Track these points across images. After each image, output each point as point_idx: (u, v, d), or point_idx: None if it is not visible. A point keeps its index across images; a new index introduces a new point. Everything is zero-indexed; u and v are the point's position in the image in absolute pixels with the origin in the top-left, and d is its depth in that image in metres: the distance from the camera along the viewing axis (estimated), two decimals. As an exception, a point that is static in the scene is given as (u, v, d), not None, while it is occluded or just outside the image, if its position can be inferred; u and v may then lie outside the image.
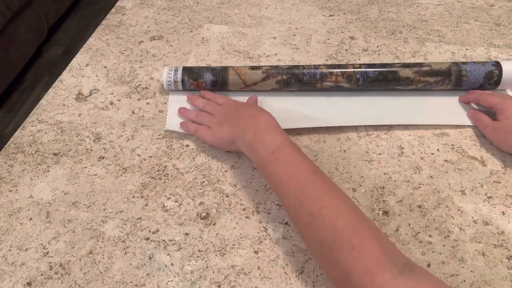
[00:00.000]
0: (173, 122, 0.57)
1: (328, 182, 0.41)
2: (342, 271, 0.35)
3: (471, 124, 0.56)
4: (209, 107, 0.56)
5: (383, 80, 0.57)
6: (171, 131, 0.56)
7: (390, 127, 0.57)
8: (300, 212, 0.40)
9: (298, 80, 0.58)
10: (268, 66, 0.59)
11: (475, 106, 0.58)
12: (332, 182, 0.41)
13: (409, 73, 0.57)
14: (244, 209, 0.48)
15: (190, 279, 0.43)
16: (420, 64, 0.58)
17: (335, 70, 0.58)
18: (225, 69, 0.58)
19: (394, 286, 0.33)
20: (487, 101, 0.54)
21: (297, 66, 0.58)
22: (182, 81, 0.58)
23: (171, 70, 0.59)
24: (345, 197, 0.40)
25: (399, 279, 0.33)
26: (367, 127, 0.57)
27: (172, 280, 0.42)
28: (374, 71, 0.57)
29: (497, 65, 0.57)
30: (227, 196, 0.49)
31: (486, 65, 0.57)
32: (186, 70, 0.59)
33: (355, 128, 0.56)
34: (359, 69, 0.57)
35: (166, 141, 0.55)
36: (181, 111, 0.57)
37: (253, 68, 0.58)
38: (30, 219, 0.47)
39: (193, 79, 0.58)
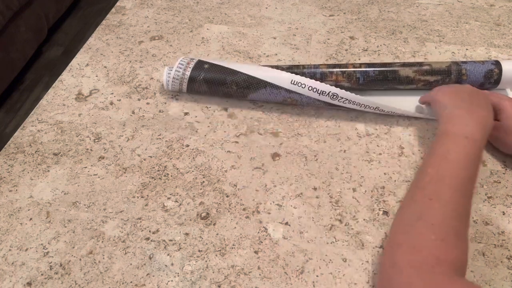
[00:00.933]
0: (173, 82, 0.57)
1: (471, 198, 0.42)
2: (414, 244, 0.37)
3: None
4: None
5: (384, 79, 0.57)
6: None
7: (390, 127, 0.57)
8: (432, 184, 0.41)
9: None
10: (268, 66, 0.59)
11: None
12: (471, 202, 0.42)
13: (409, 72, 0.57)
14: (244, 209, 0.48)
15: (190, 279, 0.43)
16: (420, 63, 0.58)
17: (335, 70, 0.58)
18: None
19: (450, 280, 0.34)
20: None
21: (297, 66, 0.58)
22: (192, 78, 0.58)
23: (171, 70, 0.58)
24: (469, 213, 0.41)
25: (456, 278, 0.35)
26: (367, 127, 0.57)
27: (172, 280, 0.42)
28: (375, 70, 0.57)
29: (497, 64, 0.57)
30: (227, 196, 0.49)
31: (486, 64, 0.57)
32: (205, 70, 0.58)
33: (355, 128, 0.56)
34: (359, 69, 0.57)
35: (166, 141, 0.55)
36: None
37: None
38: (30, 219, 0.47)
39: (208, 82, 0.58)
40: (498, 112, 0.52)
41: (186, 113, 0.59)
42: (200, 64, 0.58)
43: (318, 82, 0.55)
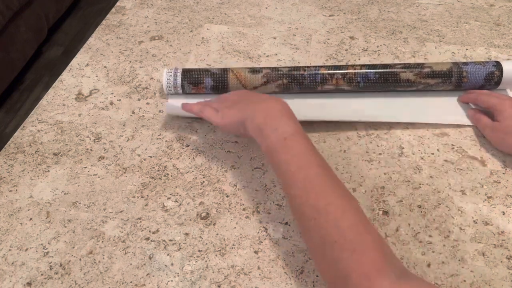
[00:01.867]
0: (174, 104, 0.55)
1: (336, 179, 0.41)
2: (340, 272, 0.35)
3: (471, 124, 0.56)
4: (215, 100, 0.53)
5: (384, 82, 0.57)
6: (173, 116, 0.56)
7: (390, 127, 0.57)
8: (305, 205, 0.39)
9: (298, 84, 0.57)
10: (268, 69, 0.58)
11: (474, 106, 0.58)
12: (339, 179, 0.41)
13: (410, 75, 0.57)
14: (244, 209, 0.48)
15: (190, 279, 0.43)
16: (421, 66, 0.57)
17: (335, 73, 0.57)
18: (225, 73, 0.58)
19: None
20: (485, 102, 0.54)
21: (297, 68, 0.58)
22: (182, 86, 0.58)
23: (171, 74, 0.58)
24: (350, 197, 0.40)
25: (397, 285, 0.33)
26: (367, 127, 0.57)
27: (172, 280, 0.42)
28: (375, 74, 0.57)
29: (498, 65, 0.57)
30: (227, 196, 0.49)
31: (487, 65, 0.57)
32: (185, 74, 0.58)
33: (355, 128, 0.56)
34: (360, 70, 0.57)
35: (166, 141, 0.55)
36: (185, 106, 0.54)
37: (253, 71, 0.58)
38: (30, 219, 0.47)
39: (193, 85, 0.58)
40: (498, 113, 0.52)
41: (186, 113, 0.59)
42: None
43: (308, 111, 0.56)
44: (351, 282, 0.34)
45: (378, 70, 0.57)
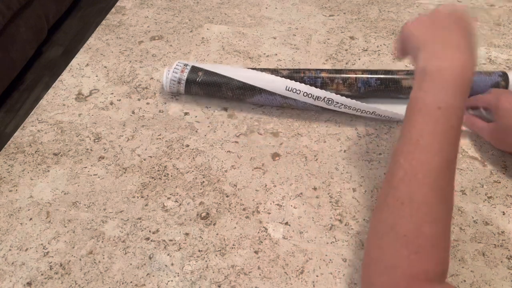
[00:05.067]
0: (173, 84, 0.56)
1: (451, 184, 0.36)
2: (387, 261, 0.34)
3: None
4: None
5: (385, 89, 0.57)
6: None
7: (390, 127, 0.57)
8: (403, 184, 0.35)
9: None
10: (268, 72, 0.57)
11: (471, 112, 0.57)
12: (453, 187, 0.36)
13: (412, 82, 0.56)
14: (244, 209, 0.48)
15: (190, 279, 0.43)
16: None
17: (336, 77, 0.57)
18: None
19: None
20: (480, 100, 0.54)
21: (297, 71, 0.58)
22: (187, 85, 0.57)
23: (178, 70, 0.57)
24: (450, 208, 0.36)
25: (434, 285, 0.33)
26: (367, 127, 0.57)
27: (172, 280, 0.42)
28: (376, 80, 0.56)
29: (504, 76, 0.56)
30: (227, 196, 0.49)
31: (493, 76, 0.56)
32: (196, 72, 0.57)
33: (355, 128, 0.56)
34: (361, 75, 0.57)
35: (166, 141, 0.55)
36: None
37: None
38: (30, 219, 0.47)
39: (201, 87, 0.58)
40: (495, 110, 0.52)
41: (186, 113, 0.59)
42: (194, 70, 0.58)
43: (313, 87, 0.54)
44: (393, 276, 0.33)
45: (379, 76, 0.57)
